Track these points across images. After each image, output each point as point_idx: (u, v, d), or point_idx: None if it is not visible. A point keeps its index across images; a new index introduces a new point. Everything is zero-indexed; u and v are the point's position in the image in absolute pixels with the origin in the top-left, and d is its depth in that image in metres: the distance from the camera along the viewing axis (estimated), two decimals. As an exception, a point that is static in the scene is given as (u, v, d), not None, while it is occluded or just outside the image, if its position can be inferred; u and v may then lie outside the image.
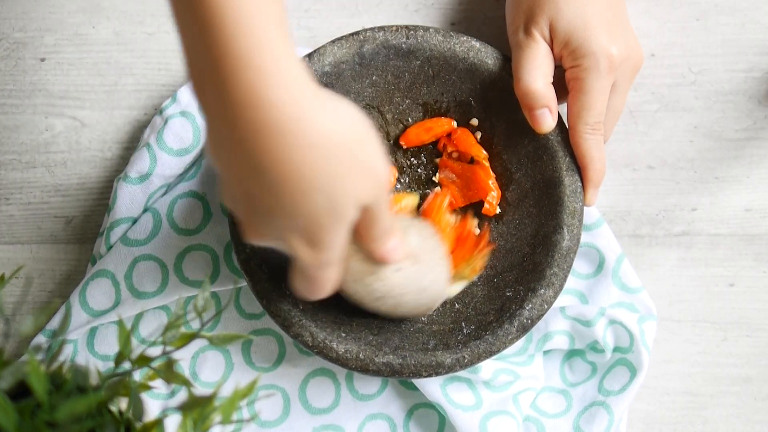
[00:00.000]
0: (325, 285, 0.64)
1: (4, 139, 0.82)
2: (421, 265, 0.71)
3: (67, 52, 0.82)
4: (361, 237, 0.64)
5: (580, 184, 0.75)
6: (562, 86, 0.75)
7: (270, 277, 0.74)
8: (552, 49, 0.74)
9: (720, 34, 0.82)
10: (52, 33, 0.82)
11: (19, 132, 0.82)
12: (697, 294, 0.82)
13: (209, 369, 0.80)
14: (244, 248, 0.74)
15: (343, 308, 0.77)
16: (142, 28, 0.82)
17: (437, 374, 0.73)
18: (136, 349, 0.64)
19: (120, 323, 0.60)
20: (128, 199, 0.79)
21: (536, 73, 0.73)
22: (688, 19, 0.82)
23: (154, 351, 0.64)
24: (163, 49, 0.82)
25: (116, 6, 0.82)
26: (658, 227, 0.82)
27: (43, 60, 0.82)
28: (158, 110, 0.80)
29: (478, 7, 0.82)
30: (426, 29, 0.76)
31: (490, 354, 0.73)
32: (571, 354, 0.81)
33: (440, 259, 0.73)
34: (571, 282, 0.81)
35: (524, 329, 0.74)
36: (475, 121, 0.78)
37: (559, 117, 0.75)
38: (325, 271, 0.62)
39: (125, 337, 0.60)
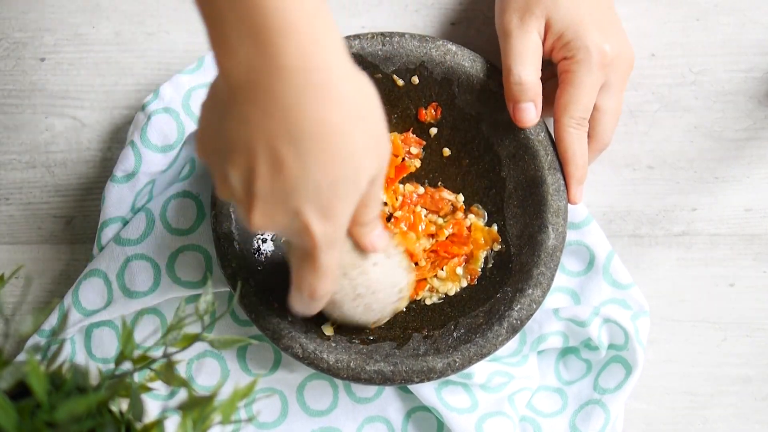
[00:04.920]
0: (328, 276, 0.62)
1: (4, 139, 0.82)
2: (391, 260, 0.71)
3: (67, 52, 0.82)
4: (356, 220, 0.63)
5: (563, 182, 0.75)
6: (544, 94, 0.75)
7: (257, 290, 0.74)
8: (543, 43, 0.74)
9: (720, 34, 0.82)
10: (52, 33, 0.82)
11: (19, 132, 0.82)
12: (697, 294, 0.82)
13: (205, 375, 0.80)
14: (230, 263, 0.74)
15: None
16: (142, 28, 0.82)
17: (429, 379, 0.73)
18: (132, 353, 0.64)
19: (123, 323, 0.60)
20: (116, 198, 0.79)
21: (529, 64, 0.73)
22: (688, 19, 0.82)
23: (155, 353, 0.64)
24: (163, 49, 0.82)
25: (116, 6, 0.82)
26: (658, 227, 0.82)
27: (43, 60, 0.82)
28: (141, 106, 0.79)
29: (478, 7, 0.82)
30: (402, 35, 0.76)
31: (481, 356, 0.74)
32: (566, 352, 0.81)
33: (403, 259, 0.73)
34: (563, 280, 0.81)
35: (514, 330, 0.74)
36: (441, 136, 0.79)
37: (541, 117, 0.75)
38: (331, 254, 0.60)
39: (127, 336, 0.60)
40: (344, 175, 0.56)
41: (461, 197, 0.79)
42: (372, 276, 0.70)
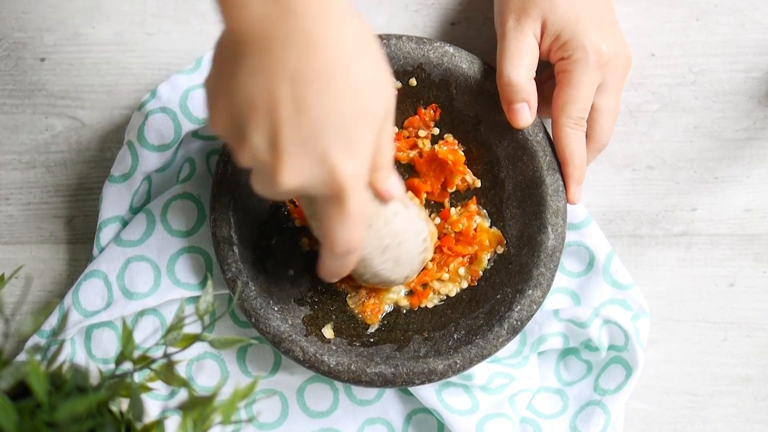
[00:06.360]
0: (359, 221, 0.61)
1: (4, 139, 0.82)
2: (409, 209, 0.71)
3: (67, 52, 0.82)
4: (373, 165, 0.63)
5: (561, 182, 0.75)
6: (542, 95, 0.76)
7: (257, 294, 0.74)
8: (540, 45, 0.74)
9: (720, 34, 0.82)
10: (52, 33, 0.82)
11: (19, 132, 0.82)
12: (696, 294, 0.82)
13: (205, 377, 0.80)
14: (230, 267, 0.74)
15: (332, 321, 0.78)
16: (142, 28, 0.82)
17: (430, 381, 0.73)
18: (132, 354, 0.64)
19: (123, 323, 0.60)
20: (113, 198, 0.79)
21: (520, 65, 0.73)
22: (688, 19, 0.82)
23: (155, 353, 0.64)
24: (163, 49, 0.82)
25: (116, 6, 0.82)
26: (658, 227, 0.82)
27: (43, 60, 0.82)
28: (138, 106, 0.79)
29: (478, 7, 0.82)
30: (399, 37, 0.76)
31: (481, 358, 0.74)
32: (566, 353, 0.81)
33: (420, 209, 0.73)
34: (563, 280, 0.81)
35: (514, 331, 0.74)
36: (450, 137, 0.79)
37: (538, 116, 0.75)
38: (361, 196, 0.60)
39: (127, 336, 0.60)
40: (364, 107, 0.58)
41: (479, 182, 0.79)
42: (396, 226, 0.70)
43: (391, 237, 0.70)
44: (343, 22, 0.56)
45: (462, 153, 0.78)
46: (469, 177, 0.79)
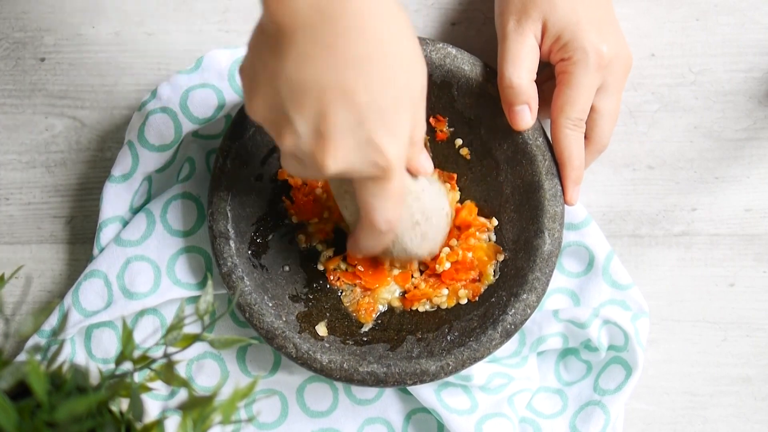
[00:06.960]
0: (401, 199, 0.63)
1: (4, 139, 0.82)
2: (433, 185, 0.73)
3: (67, 52, 0.82)
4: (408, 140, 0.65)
5: (560, 187, 0.75)
6: (542, 96, 0.75)
7: (252, 289, 0.74)
8: (540, 46, 0.74)
9: (720, 34, 0.82)
10: (52, 33, 0.82)
11: (19, 132, 0.82)
12: (696, 294, 0.82)
13: (205, 377, 0.80)
14: (226, 261, 0.74)
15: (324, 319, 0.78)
16: (142, 28, 0.82)
17: (422, 382, 0.73)
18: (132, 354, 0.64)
19: (123, 323, 0.60)
20: (114, 198, 0.79)
21: (521, 67, 0.73)
22: (688, 19, 0.82)
23: (155, 353, 0.64)
24: (163, 49, 0.82)
25: (116, 6, 0.82)
26: (658, 227, 0.82)
27: (43, 60, 0.82)
28: (138, 106, 0.79)
29: (478, 7, 0.82)
30: None
31: (474, 360, 0.73)
32: (566, 353, 0.81)
33: (440, 183, 0.75)
34: (562, 281, 0.81)
35: (508, 334, 0.74)
36: (456, 135, 0.79)
37: (538, 121, 0.75)
38: (402, 175, 0.62)
39: (127, 336, 0.60)
40: (403, 88, 0.59)
41: (494, 221, 0.78)
42: (424, 201, 0.71)
43: (421, 213, 0.71)
44: (382, 6, 0.58)
45: (475, 206, 0.79)
46: (487, 226, 0.79)
